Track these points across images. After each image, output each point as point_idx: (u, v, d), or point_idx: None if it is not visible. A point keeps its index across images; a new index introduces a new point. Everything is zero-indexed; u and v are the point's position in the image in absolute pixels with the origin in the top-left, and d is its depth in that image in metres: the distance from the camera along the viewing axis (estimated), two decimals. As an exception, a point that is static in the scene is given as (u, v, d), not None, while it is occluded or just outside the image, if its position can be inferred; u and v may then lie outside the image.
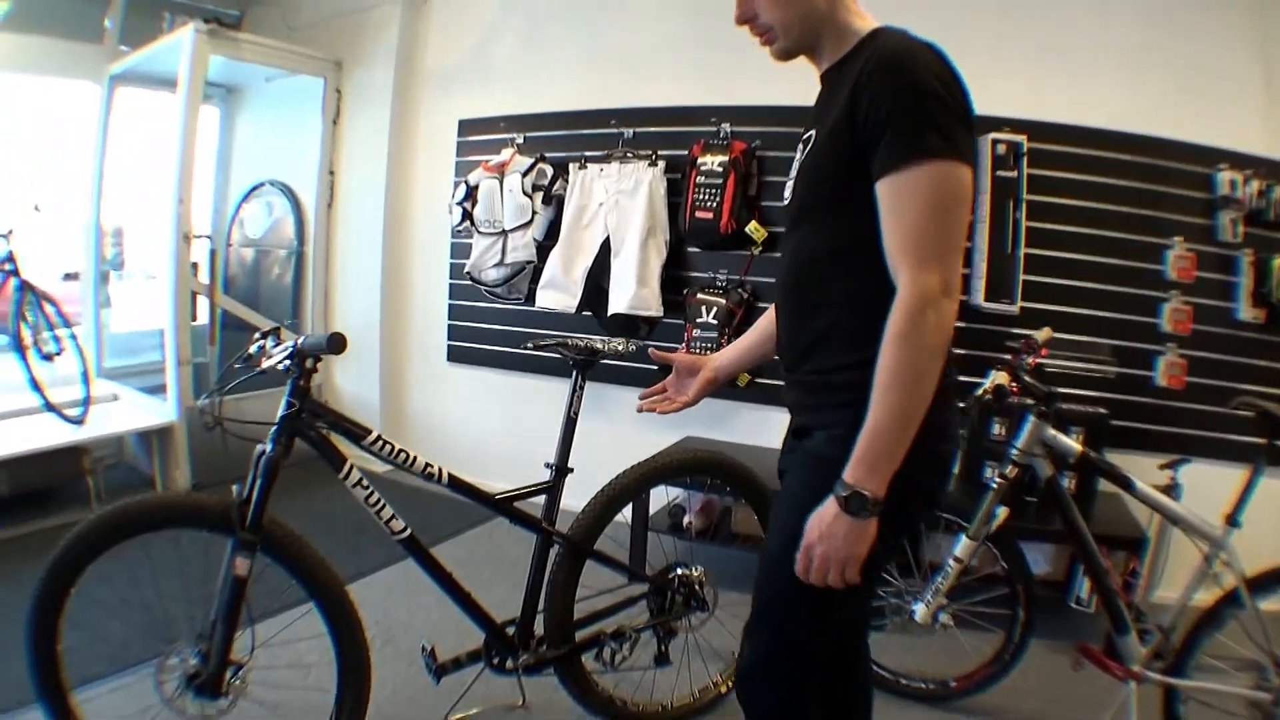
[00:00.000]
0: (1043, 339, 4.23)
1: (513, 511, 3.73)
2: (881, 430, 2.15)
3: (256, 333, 3.42)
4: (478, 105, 7.79)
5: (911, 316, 2.11)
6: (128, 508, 3.13)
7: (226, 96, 9.53)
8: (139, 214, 8.74)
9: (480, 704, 4.22)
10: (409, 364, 8.59)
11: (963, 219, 2.21)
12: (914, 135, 2.12)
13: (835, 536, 2.19)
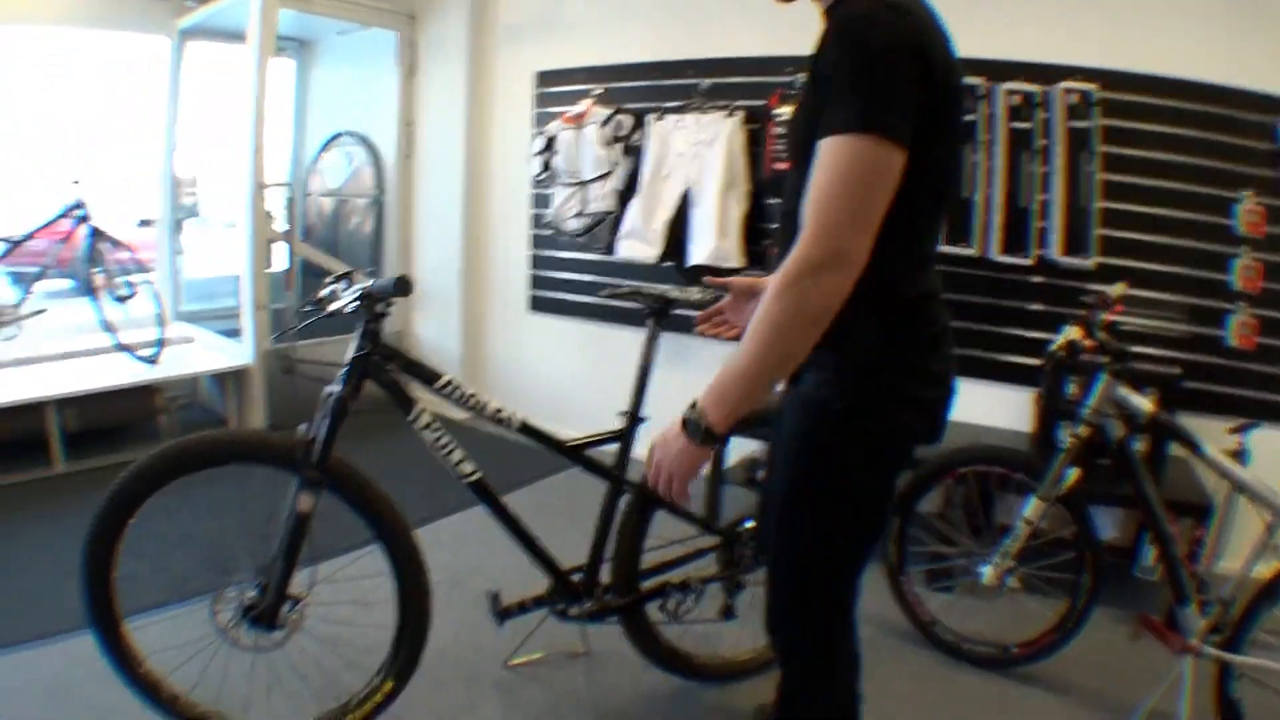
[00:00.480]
0: (1116, 294, 4.17)
1: (583, 458, 3.73)
2: (737, 371, 2.21)
3: (328, 276, 3.44)
4: (555, 57, 7.75)
5: (793, 279, 2.11)
6: (194, 441, 3.16)
7: (300, 49, 9.61)
8: (215, 163, 8.83)
9: (543, 650, 4.24)
10: (489, 313, 8.63)
11: (877, 197, 2.13)
12: (845, 105, 2.10)
13: (669, 451, 2.32)
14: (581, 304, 7.70)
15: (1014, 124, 5.56)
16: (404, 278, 3.15)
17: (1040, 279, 5.61)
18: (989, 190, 5.63)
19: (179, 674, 3.39)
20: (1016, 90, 5.51)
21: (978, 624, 4.51)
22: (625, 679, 4.17)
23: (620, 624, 3.93)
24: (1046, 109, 5.48)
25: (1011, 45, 5.52)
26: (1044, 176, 5.51)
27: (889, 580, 4.51)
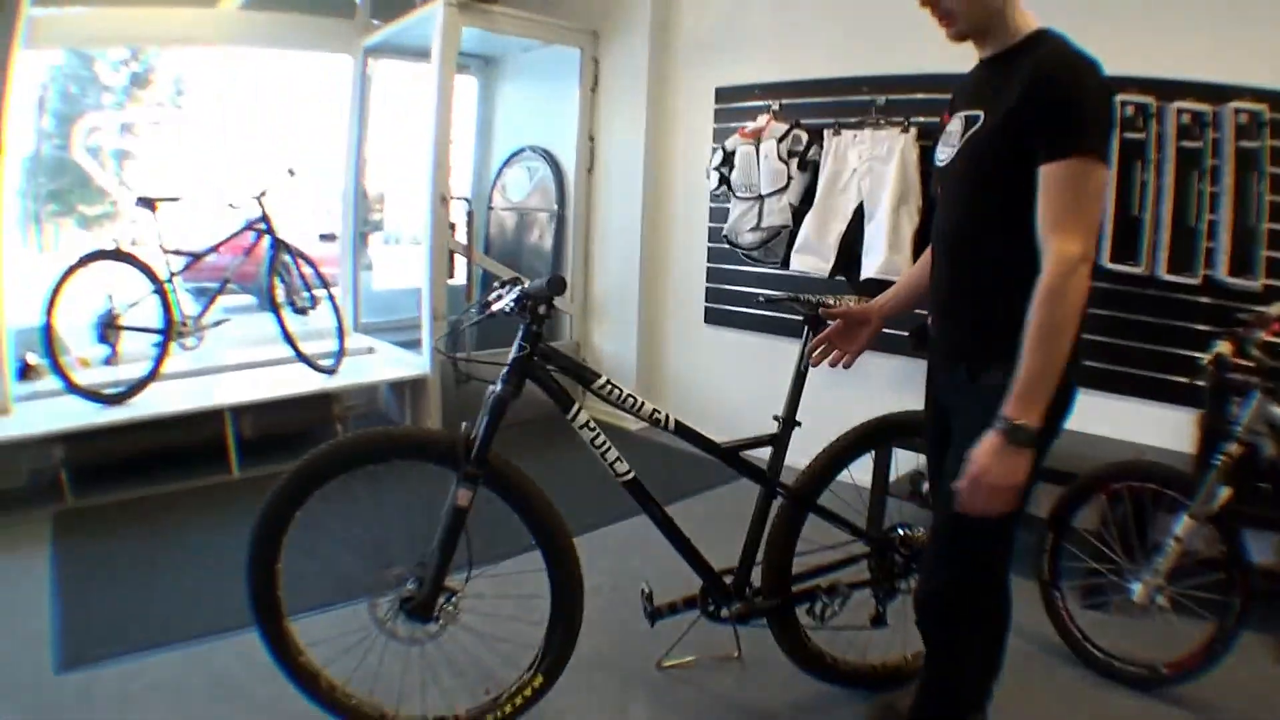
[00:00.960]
0: (1275, 313, 4.14)
1: (738, 460, 3.78)
2: (1037, 374, 2.58)
3: (496, 281, 3.53)
4: (733, 73, 7.83)
5: (1061, 278, 2.54)
6: (357, 437, 3.33)
7: (484, 66, 9.88)
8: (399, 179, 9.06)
9: (695, 653, 4.29)
10: (666, 325, 8.72)
11: (1100, 208, 2.68)
12: (1078, 134, 2.56)
13: (1001, 468, 2.60)
14: (756, 316, 7.68)
15: (1183, 143, 5.50)
16: (558, 277, 3.23)
17: (1207, 299, 5.52)
18: (1157, 209, 5.57)
19: (336, 666, 3.52)
20: (1186, 109, 5.46)
21: (1128, 643, 4.46)
22: (775, 684, 4.18)
23: (769, 626, 3.96)
24: (1216, 129, 5.41)
25: (1182, 64, 5.46)
26: (1212, 196, 5.44)
27: (1042, 595, 4.51)
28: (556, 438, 4.43)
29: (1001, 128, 2.73)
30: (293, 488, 3.22)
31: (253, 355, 7.79)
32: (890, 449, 4.85)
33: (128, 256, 6.41)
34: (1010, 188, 2.72)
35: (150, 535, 5.60)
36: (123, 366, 6.68)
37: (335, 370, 7.47)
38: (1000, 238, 2.82)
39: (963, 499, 2.68)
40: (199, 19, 7.71)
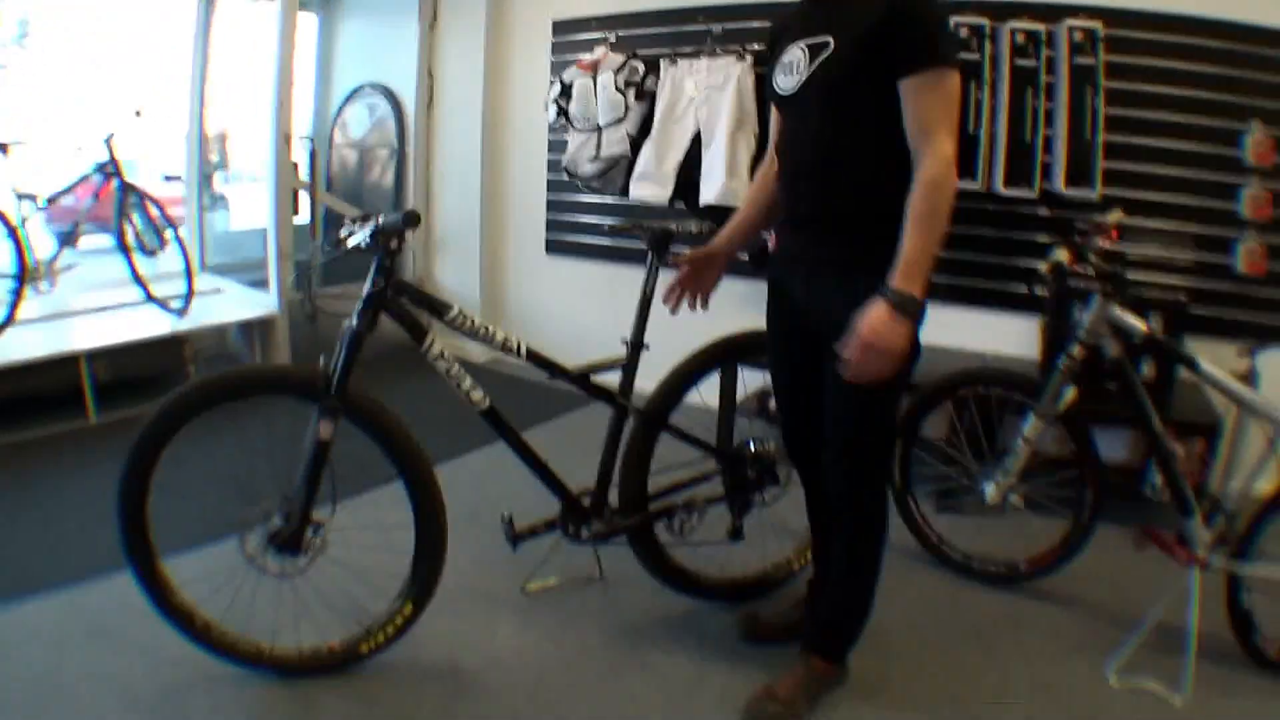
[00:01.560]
0: (1111, 221, 4.28)
1: (588, 385, 3.84)
2: (919, 252, 2.81)
3: (347, 218, 3.54)
4: (570, 6, 7.84)
5: (941, 170, 2.80)
6: (219, 376, 3.32)
7: (324, 3, 9.74)
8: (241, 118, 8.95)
9: (558, 575, 4.38)
10: (508, 257, 8.81)
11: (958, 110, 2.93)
12: (935, 47, 2.83)
13: (889, 332, 2.79)
14: (596, 246, 7.85)
15: (1018, 61, 5.65)
16: (412, 211, 3.25)
17: (1045, 211, 5.68)
18: (993, 126, 5.73)
19: (210, 604, 3.52)
20: (1021, 29, 5.60)
21: (986, 543, 4.62)
22: (640, 601, 4.27)
23: (630, 545, 4.05)
24: (1051, 47, 5.56)
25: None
26: (1048, 112, 5.61)
27: (896, 503, 4.58)
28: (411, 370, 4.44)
29: (857, 50, 2.92)
30: (158, 428, 3.20)
31: (105, 299, 7.70)
32: (735, 368, 4.93)
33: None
34: (870, 106, 2.95)
35: (11, 483, 5.52)
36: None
37: (185, 312, 7.40)
38: (863, 152, 3.05)
39: (852, 366, 2.88)
40: (44, -41, 7.57)
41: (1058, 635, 4.11)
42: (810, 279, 3.30)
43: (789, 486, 4.23)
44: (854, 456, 3.30)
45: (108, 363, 6.73)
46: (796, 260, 3.39)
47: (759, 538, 4.28)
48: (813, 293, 3.29)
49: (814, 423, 3.41)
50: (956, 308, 5.96)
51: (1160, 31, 5.43)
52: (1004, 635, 4.12)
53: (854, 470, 3.32)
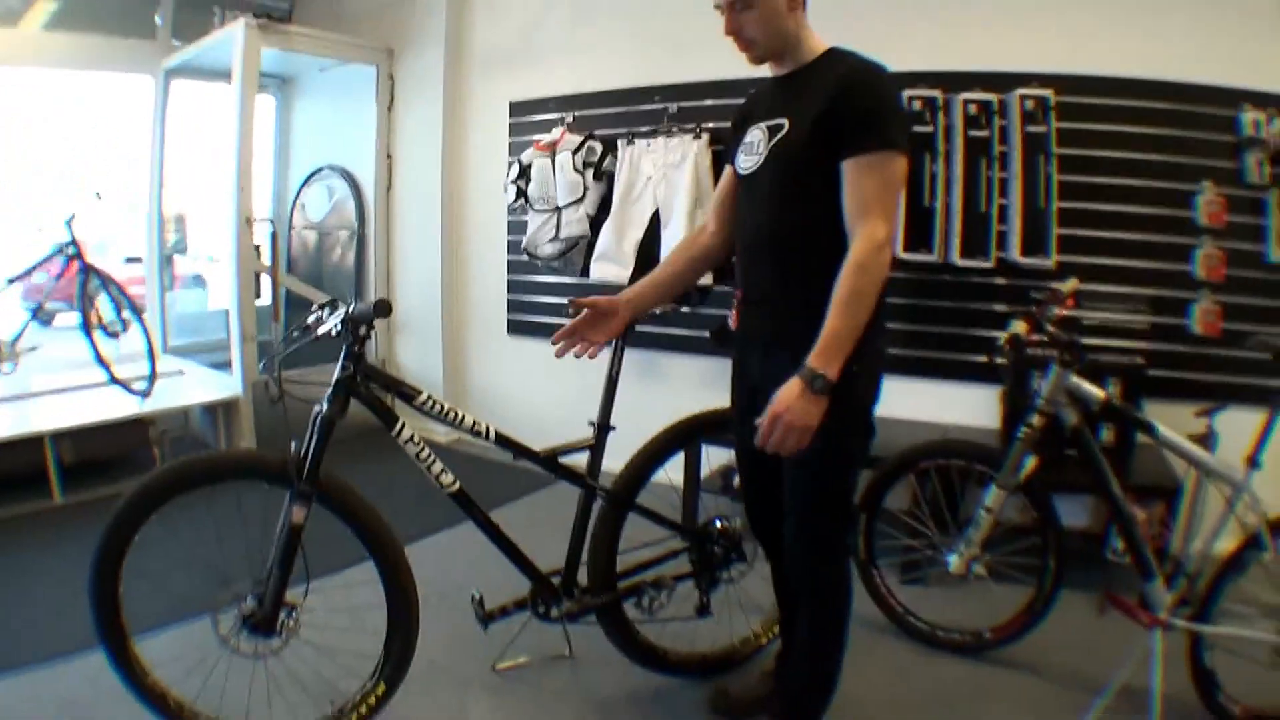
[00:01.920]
0: (1068, 290, 4.30)
1: (557, 466, 3.86)
2: (839, 332, 2.87)
3: (314, 304, 3.59)
4: (527, 86, 7.94)
5: (869, 253, 2.89)
6: (192, 461, 3.37)
7: (282, 85, 9.82)
8: (201, 200, 8.98)
9: (528, 654, 4.38)
10: (470, 338, 8.80)
11: (899, 196, 3.21)
12: (878, 130, 2.95)
13: (798, 409, 2.87)
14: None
15: (971, 132, 5.70)
16: (384, 300, 3.30)
17: (1003, 280, 5.76)
18: (948, 198, 5.79)
19: (184, 685, 3.52)
20: (973, 99, 5.67)
21: (951, 613, 4.64)
22: (609, 678, 4.28)
23: (599, 623, 4.07)
24: (1004, 116, 5.64)
25: (967, 56, 5.67)
26: (1002, 181, 5.67)
27: (860, 575, 4.61)
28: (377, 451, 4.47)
29: (809, 132, 3.05)
30: (132, 511, 3.22)
31: (68, 380, 7.70)
32: (700, 446, 4.97)
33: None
34: (820, 187, 3.04)
35: (-24, 565, 5.43)
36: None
37: (149, 394, 7.40)
38: (815, 232, 3.11)
39: (763, 433, 2.94)
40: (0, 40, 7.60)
41: (1024, 702, 4.13)
42: (766, 357, 3.37)
43: (755, 562, 4.27)
44: (812, 531, 3.33)
45: (72, 443, 6.72)
46: (753, 338, 3.49)
47: (726, 613, 4.31)
48: (768, 371, 3.28)
49: (776, 497, 3.43)
50: (916, 379, 6.00)
51: (1110, 96, 5.53)
52: (971, 704, 4.14)
53: (813, 544, 3.35)
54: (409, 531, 5.07)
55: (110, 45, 8.22)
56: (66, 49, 7.98)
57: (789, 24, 3.18)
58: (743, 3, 3.14)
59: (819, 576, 3.40)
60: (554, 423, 4.34)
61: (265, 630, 3.40)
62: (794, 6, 3.16)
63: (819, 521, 3.32)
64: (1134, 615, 3.93)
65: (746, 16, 3.17)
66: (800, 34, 3.22)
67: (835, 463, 3.22)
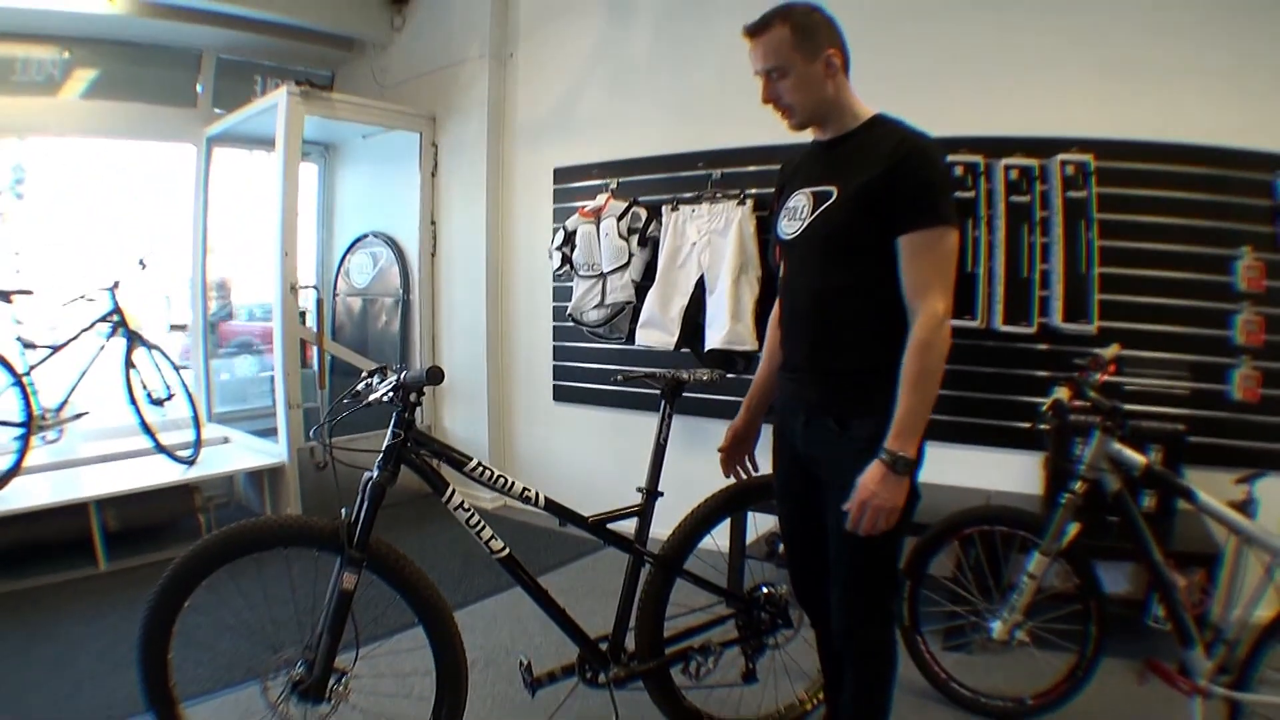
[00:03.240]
0: (1110, 356, 4.29)
1: (605, 533, 3.89)
2: (913, 412, 2.96)
3: (364, 371, 3.60)
4: (571, 153, 8.01)
5: (932, 330, 2.95)
6: (242, 527, 3.32)
7: (325, 153, 9.86)
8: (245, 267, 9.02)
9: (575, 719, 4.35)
10: (516, 404, 8.78)
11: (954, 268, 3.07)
12: (935, 206, 2.99)
13: (885, 491, 2.95)
14: (604, 392, 7.85)
15: (1013, 198, 5.68)
16: (436, 368, 3.36)
17: (1044, 346, 5.72)
18: (990, 263, 5.75)
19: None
20: (1014, 165, 5.65)
21: (993, 679, 4.63)
22: (655, 746, 4.25)
23: (646, 689, 4.06)
24: (1044, 181, 5.62)
25: (1008, 122, 5.65)
26: (1043, 247, 5.64)
27: (905, 641, 4.60)
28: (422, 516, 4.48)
29: (857, 200, 3.07)
30: (183, 576, 3.21)
31: (113, 447, 7.71)
32: (746, 513, 4.98)
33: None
34: (867, 253, 3.08)
35: (22, 630, 5.48)
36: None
37: (194, 461, 7.40)
38: (860, 298, 3.15)
39: (853, 518, 3.01)
40: (39, 108, 7.71)
41: (1066, 769, 4.09)
42: (808, 425, 3.37)
43: (800, 628, 4.25)
44: (858, 598, 3.33)
45: (117, 510, 6.75)
46: (795, 406, 3.46)
47: (771, 678, 4.30)
48: (810, 439, 3.36)
49: (821, 563, 3.44)
50: (959, 446, 5.97)
51: (1149, 161, 5.49)
52: (1013, 770, 4.10)
53: (859, 611, 3.34)
54: (456, 597, 5.11)
55: (151, 113, 8.31)
56: (107, 117, 8.08)
57: (827, 90, 3.20)
58: (778, 71, 3.19)
59: (865, 642, 3.38)
60: (601, 489, 4.36)
61: (315, 696, 3.38)
62: (831, 73, 3.17)
63: (865, 587, 3.31)
64: (1174, 683, 3.91)
65: (783, 84, 3.21)
66: (842, 99, 3.24)
67: (887, 550, 3.24)
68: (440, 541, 5.13)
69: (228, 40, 8.44)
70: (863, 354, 3.16)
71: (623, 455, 7.29)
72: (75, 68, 7.89)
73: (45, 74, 7.70)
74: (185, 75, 8.58)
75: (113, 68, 8.08)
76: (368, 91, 8.87)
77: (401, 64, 9.03)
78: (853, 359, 3.20)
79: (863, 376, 3.15)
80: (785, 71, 3.17)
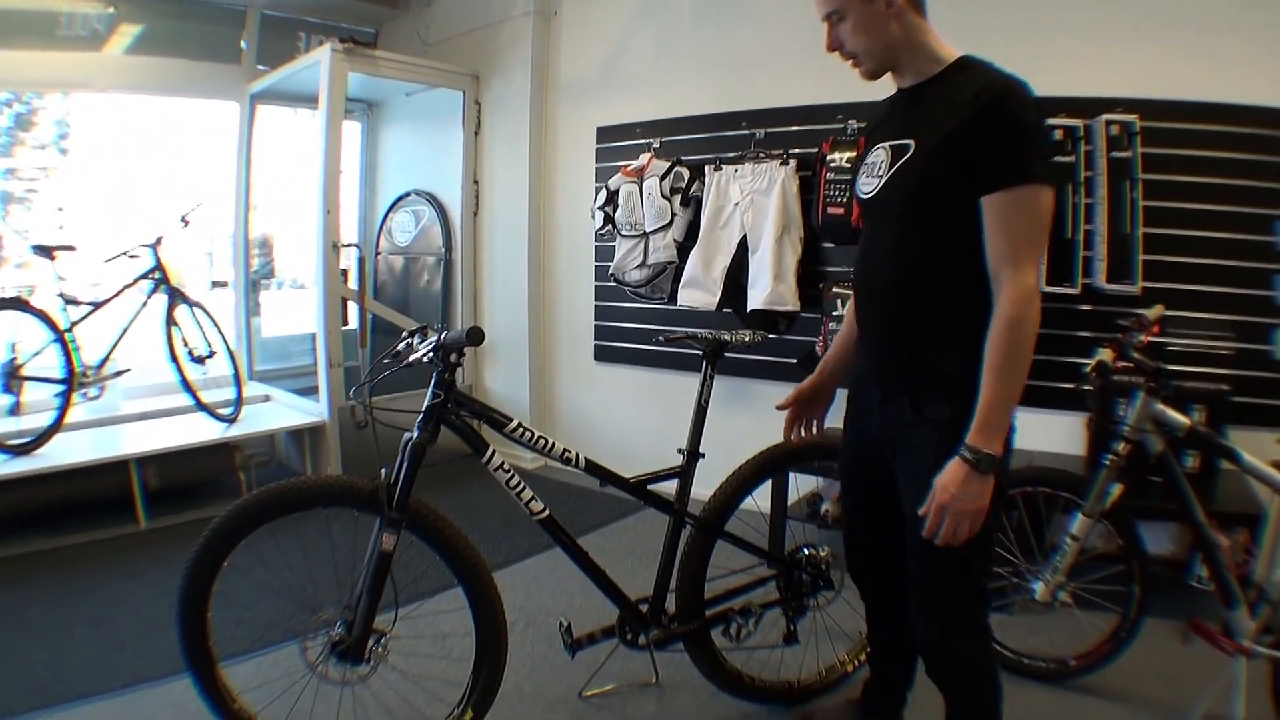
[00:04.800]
0: (1153, 316, 4.26)
1: (646, 494, 3.89)
2: (999, 403, 2.68)
3: (404, 331, 3.60)
4: (614, 112, 8.03)
5: (1021, 307, 2.65)
6: (282, 486, 3.33)
7: (368, 111, 9.89)
8: (288, 224, 9.10)
9: (615, 681, 4.37)
10: (557, 364, 8.83)
11: (1048, 232, 2.78)
12: (1028, 161, 2.65)
13: (968, 494, 2.68)
14: (645, 352, 7.86)
15: (1057, 158, 5.60)
16: (476, 328, 3.30)
17: (1088, 306, 5.69)
18: (1036, 224, 5.66)
19: (270, 711, 3.56)
20: (1059, 125, 5.60)
21: (1036, 640, 4.63)
22: (695, 706, 4.28)
23: (687, 651, 4.06)
24: (1089, 141, 5.57)
25: (1052, 82, 5.55)
26: (1087, 207, 5.60)
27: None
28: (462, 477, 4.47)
29: (937, 154, 2.77)
30: (223, 536, 3.24)
31: (154, 405, 7.79)
32: (787, 474, 4.95)
33: (27, 305, 6.36)
34: (948, 216, 2.80)
35: (62, 587, 5.55)
36: (26, 417, 6.59)
37: (235, 419, 7.51)
38: (940, 267, 2.88)
39: (930, 525, 2.76)
40: (83, 63, 7.75)
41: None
42: (883, 404, 3.15)
43: (841, 590, 4.24)
44: (939, 608, 3.09)
45: (157, 468, 6.82)
46: (870, 382, 3.26)
47: (812, 640, 4.29)
48: (885, 419, 3.14)
49: (881, 546, 3.39)
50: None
51: (1194, 121, 5.44)
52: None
53: (940, 624, 3.10)
54: (496, 558, 5.12)
55: (195, 70, 8.36)
56: (151, 73, 8.12)
57: (891, 32, 2.87)
58: (837, 14, 2.91)
59: (951, 659, 3.17)
60: (642, 450, 4.36)
61: (354, 657, 3.41)
62: (894, 13, 2.85)
63: (946, 597, 3.05)
64: (1217, 643, 3.87)
65: (844, 29, 2.93)
66: (916, 41, 2.92)
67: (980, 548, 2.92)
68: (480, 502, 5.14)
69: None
70: (942, 331, 2.89)
71: (664, 416, 7.32)
72: (120, 23, 7.92)
73: (90, 29, 7.72)
74: (229, 31, 8.61)
75: (157, 23, 8.11)
76: (411, 49, 8.88)
77: (445, 21, 9.02)
78: (931, 336, 2.92)
79: (946, 354, 2.87)
80: (844, 14, 2.90)
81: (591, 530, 6.44)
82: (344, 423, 7.69)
